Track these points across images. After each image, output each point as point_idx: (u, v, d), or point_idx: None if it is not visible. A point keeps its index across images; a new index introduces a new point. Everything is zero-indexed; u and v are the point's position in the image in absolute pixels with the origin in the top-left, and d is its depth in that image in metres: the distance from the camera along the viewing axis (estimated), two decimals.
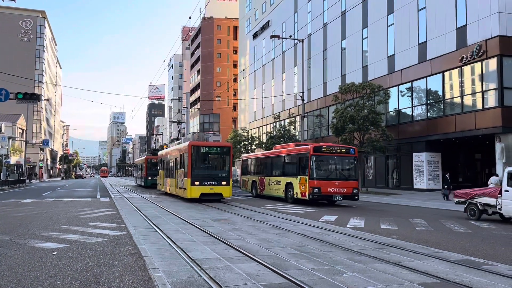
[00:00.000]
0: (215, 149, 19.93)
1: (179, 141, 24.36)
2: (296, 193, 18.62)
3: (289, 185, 19.48)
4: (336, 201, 18.16)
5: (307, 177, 17.71)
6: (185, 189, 19.23)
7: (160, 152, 29.90)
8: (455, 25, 24.55)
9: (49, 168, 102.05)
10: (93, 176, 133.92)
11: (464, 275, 5.93)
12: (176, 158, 22.09)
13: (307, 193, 17.62)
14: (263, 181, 22.71)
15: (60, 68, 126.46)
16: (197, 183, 18.61)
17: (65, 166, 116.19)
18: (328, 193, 17.58)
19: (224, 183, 19.10)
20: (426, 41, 26.63)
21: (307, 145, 19.71)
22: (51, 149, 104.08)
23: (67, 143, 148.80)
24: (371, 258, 6.96)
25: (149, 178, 35.12)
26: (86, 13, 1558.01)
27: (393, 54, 29.62)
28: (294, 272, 5.95)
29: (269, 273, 5.86)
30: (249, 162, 26.03)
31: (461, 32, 24.11)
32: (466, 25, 23.81)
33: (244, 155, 27.92)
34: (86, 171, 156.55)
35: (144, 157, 37.32)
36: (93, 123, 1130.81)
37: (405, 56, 28.41)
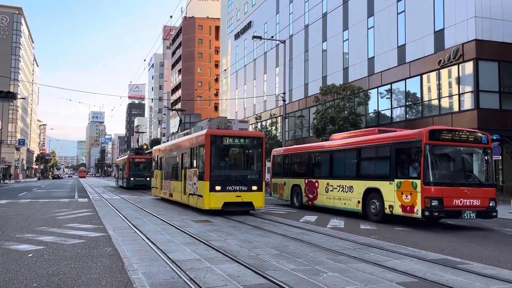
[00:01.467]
0: (243, 140, 14.59)
1: (187, 131, 19.25)
2: (391, 206, 12.02)
3: (372, 193, 12.95)
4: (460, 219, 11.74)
5: (417, 181, 11.17)
6: (200, 196, 14.06)
7: (156, 147, 24.88)
8: (433, 29, 25.04)
9: (25, 168, 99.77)
10: (71, 177, 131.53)
11: (441, 274, 6.04)
12: (183, 154, 17.04)
13: (416, 208, 11.13)
14: (314, 186, 16.24)
15: (37, 66, 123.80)
16: (218, 188, 13.62)
17: (41, 166, 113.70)
18: (454, 208, 11.08)
19: (254, 188, 14.07)
20: (405, 44, 27.08)
21: (403, 130, 14.00)
22: (27, 148, 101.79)
23: (44, 143, 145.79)
24: (351, 258, 7.03)
25: (132, 179, 34.21)
26: (67, 12, 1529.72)
27: (373, 56, 30.01)
28: (275, 272, 5.95)
29: (250, 274, 5.85)
30: (286, 158, 19.36)
31: (439, 35, 24.61)
32: (443, 29, 24.32)
33: (278, 149, 21.05)
34: (63, 171, 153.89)
35: (126, 157, 36.15)
36: (71, 122, 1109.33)
37: (385, 59, 28.82)
